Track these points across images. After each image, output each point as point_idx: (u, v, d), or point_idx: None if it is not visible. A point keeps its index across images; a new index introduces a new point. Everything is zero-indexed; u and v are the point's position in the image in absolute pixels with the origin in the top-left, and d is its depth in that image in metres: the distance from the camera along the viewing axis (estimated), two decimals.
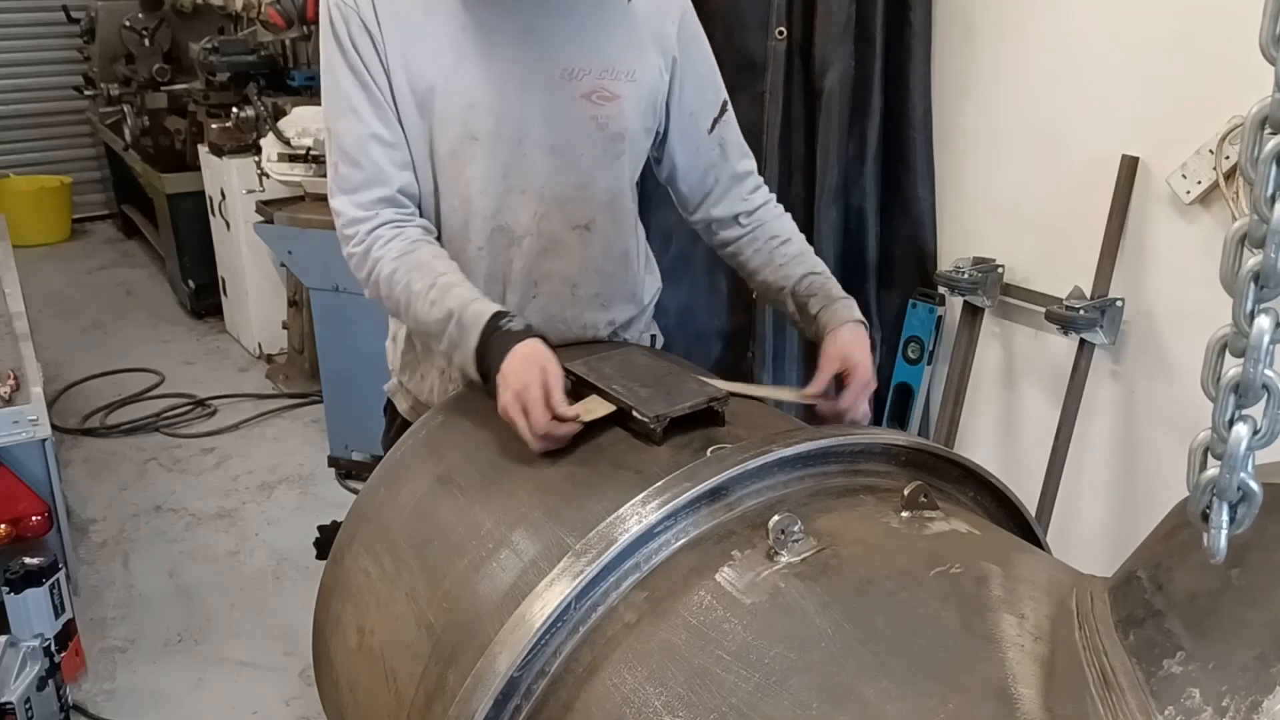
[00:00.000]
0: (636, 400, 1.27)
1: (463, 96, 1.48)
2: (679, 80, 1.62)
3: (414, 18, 1.45)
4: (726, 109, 1.69)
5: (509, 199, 1.53)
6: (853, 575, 0.98)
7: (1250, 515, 0.70)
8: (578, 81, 1.52)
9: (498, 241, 1.55)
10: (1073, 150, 2.21)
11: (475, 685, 0.98)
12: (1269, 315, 0.65)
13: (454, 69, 1.47)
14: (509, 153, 1.51)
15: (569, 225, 1.57)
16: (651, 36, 1.57)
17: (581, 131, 1.54)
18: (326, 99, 1.50)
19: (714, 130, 1.67)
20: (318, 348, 3.66)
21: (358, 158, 1.48)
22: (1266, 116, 0.64)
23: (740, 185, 1.71)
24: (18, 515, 2.75)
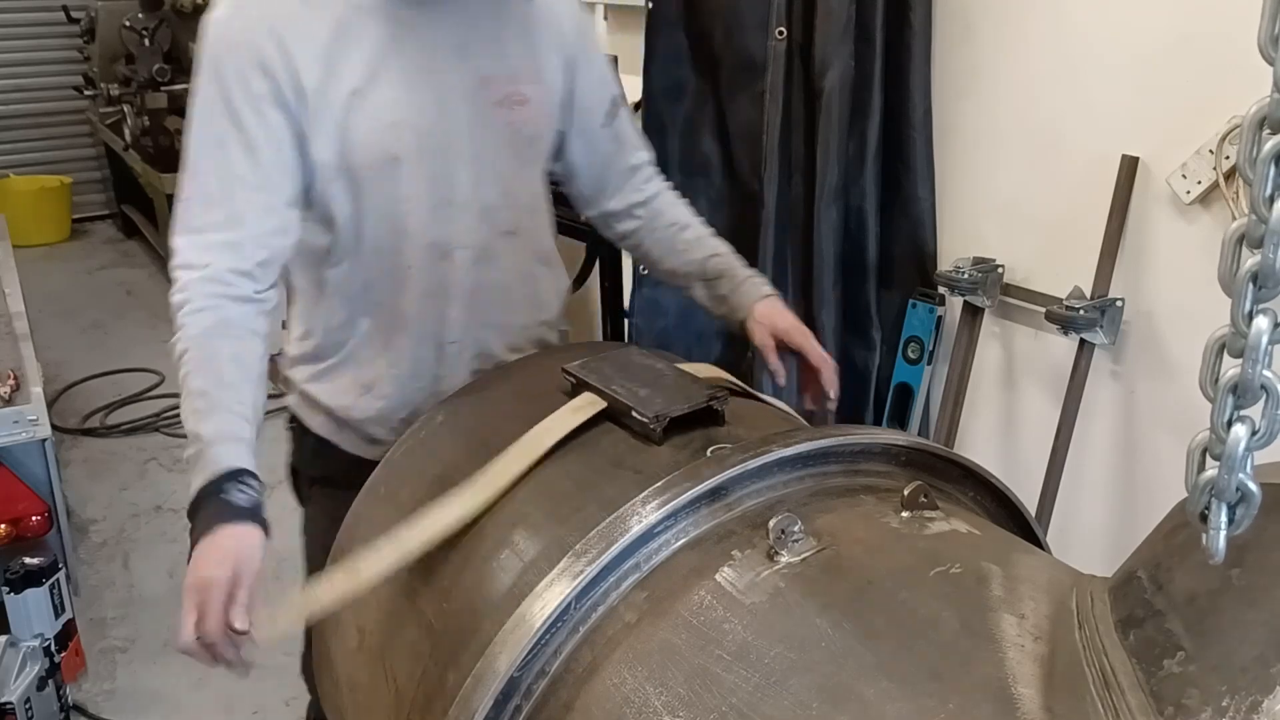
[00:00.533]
0: (636, 400, 1.27)
1: (383, 117, 1.43)
2: (576, 77, 1.62)
3: (323, 40, 1.39)
4: (619, 103, 1.70)
5: (439, 214, 1.51)
6: (853, 575, 0.98)
7: (1249, 516, 0.70)
8: (492, 89, 1.51)
9: (431, 258, 1.53)
10: (1073, 150, 2.21)
11: (475, 685, 0.98)
12: (1267, 316, 0.65)
13: (371, 90, 1.42)
14: (435, 169, 1.48)
15: (497, 233, 1.57)
16: (550, 37, 1.57)
17: (501, 139, 1.53)
18: (192, 130, 1.41)
19: (608, 125, 1.68)
20: None
21: (214, 197, 1.39)
22: (1265, 117, 0.64)
23: (635, 176, 1.73)
24: (18, 515, 2.75)
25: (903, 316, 2.57)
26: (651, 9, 2.63)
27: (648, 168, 1.75)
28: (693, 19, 2.61)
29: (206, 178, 1.40)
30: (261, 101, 1.37)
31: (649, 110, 2.69)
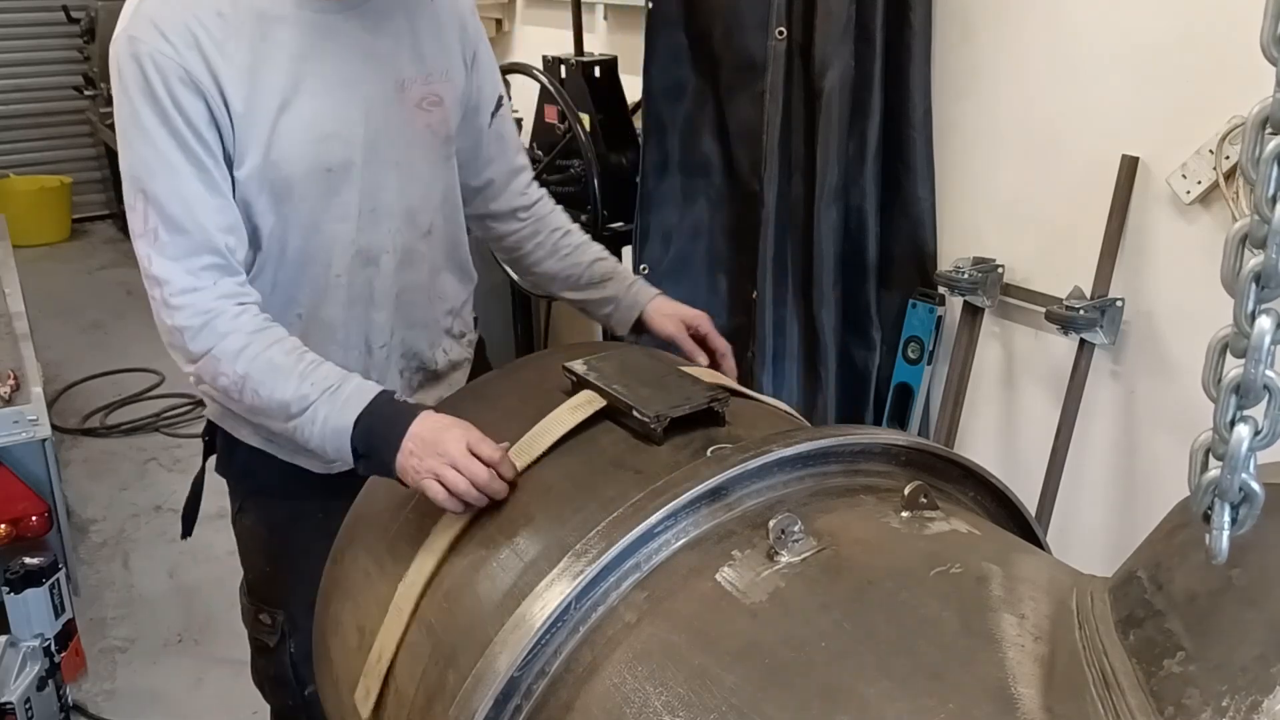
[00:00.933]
0: (637, 400, 1.27)
1: (312, 130, 1.43)
2: (474, 74, 1.64)
3: (244, 56, 1.38)
4: (503, 103, 1.72)
5: (367, 221, 1.52)
6: (853, 575, 0.98)
7: (1252, 516, 0.70)
8: (408, 92, 1.52)
9: (358, 265, 1.54)
10: (1073, 150, 2.21)
11: (475, 685, 0.98)
12: (1270, 316, 0.65)
13: (297, 103, 1.42)
14: (364, 178, 1.49)
15: (418, 235, 1.59)
16: (455, 33, 1.59)
17: (420, 142, 1.55)
18: (136, 157, 1.39)
19: (493, 124, 1.70)
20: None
21: (183, 222, 1.38)
22: (1267, 117, 0.64)
23: (517, 179, 1.76)
24: (18, 515, 2.75)
25: (903, 316, 2.57)
26: (651, 9, 2.63)
27: (528, 172, 1.78)
28: (693, 19, 2.61)
29: (169, 202, 1.38)
30: (199, 120, 1.37)
31: (649, 110, 2.69)
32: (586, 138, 2.90)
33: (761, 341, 2.59)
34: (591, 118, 2.98)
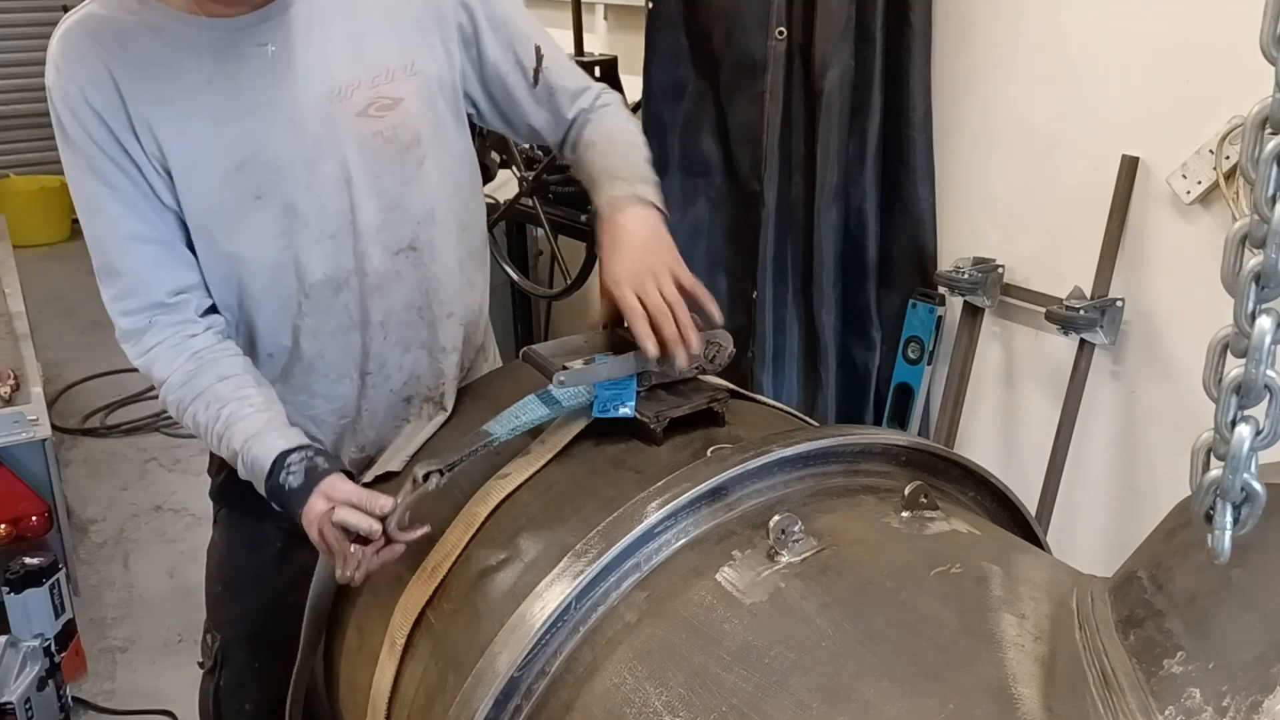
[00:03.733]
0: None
1: (229, 158, 1.33)
2: (477, 48, 1.47)
3: (154, 88, 1.31)
4: (542, 54, 1.50)
5: (318, 249, 1.39)
6: (853, 575, 0.98)
7: (1254, 516, 0.70)
8: (349, 100, 1.36)
9: (323, 294, 1.42)
10: (1073, 150, 2.21)
11: (475, 685, 0.98)
12: (1270, 316, 0.65)
13: (212, 131, 1.32)
14: (300, 201, 1.37)
15: (390, 254, 1.44)
16: (421, 16, 1.42)
17: (370, 153, 1.39)
18: (75, 198, 1.36)
19: (539, 82, 1.51)
20: None
21: (115, 264, 1.35)
22: (1267, 117, 0.64)
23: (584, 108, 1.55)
24: (18, 515, 2.75)
25: (903, 316, 2.57)
26: (651, 9, 2.63)
27: (587, 93, 1.55)
28: (693, 19, 2.61)
29: (102, 247, 1.36)
30: (121, 160, 1.32)
31: (649, 110, 2.69)
32: None
33: (761, 341, 2.59)
34: None
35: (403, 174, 1.42)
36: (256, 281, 1.40)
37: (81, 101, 1.30)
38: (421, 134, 1.42)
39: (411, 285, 1.47)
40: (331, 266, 1.41)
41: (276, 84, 1.33)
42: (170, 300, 1.37)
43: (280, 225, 1.37)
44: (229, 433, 1.34)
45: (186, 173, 1.33)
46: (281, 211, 1.36)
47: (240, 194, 1.35)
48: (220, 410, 1.35)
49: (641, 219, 1.37)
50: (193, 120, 1.32)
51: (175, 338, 1.37)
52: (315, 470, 1.30)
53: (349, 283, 1.42)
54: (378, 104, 1.38)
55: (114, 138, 1.31)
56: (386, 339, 1.47)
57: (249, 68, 1.32)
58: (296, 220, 1.37)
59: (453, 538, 1.23)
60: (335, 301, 1.43)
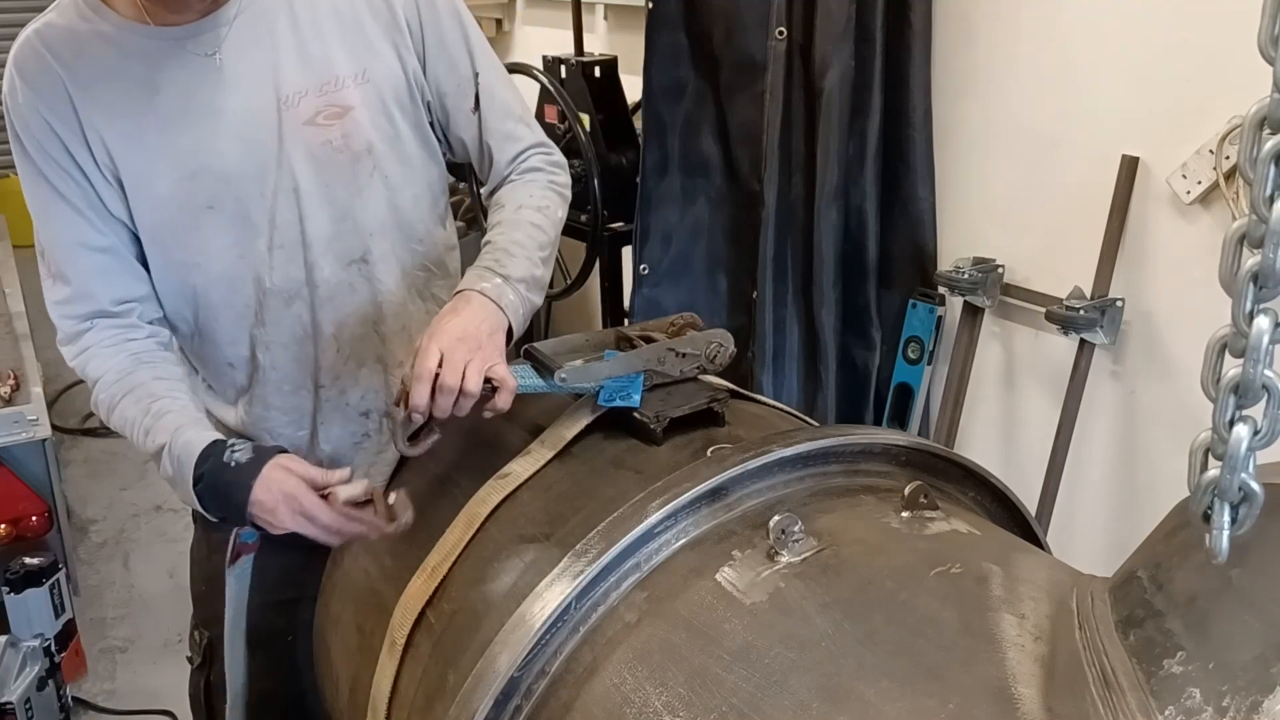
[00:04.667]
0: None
1: (180, 168, 1.32)
2: (426, 60, 1.44)
3: (108, 94, 1.30)
4: (480, 79, 1.48)
5: (269, 259, 1.38)
6: (853, 575, 0.98)
7: (1252, 516, 0.70)
8: (296, 108, 1.34)
9: (276, 305, 1.40)
10: (1073, 150, 2.21)
11: (475, 685, 0.98)
12: (1268, 315, 0.65)
13: (161, 141, 1.31)
14: (252, 211, 1.36)
15: (342, 265, 1.42)
16: (377, 26, 1.39)
17: (319, 162, 1.37)
18: (28, 203, 1.36)
19: (476, 108, 1.48)
20: None
21: (64, 270, 1.35)
22: (1266, 116, 0.64)
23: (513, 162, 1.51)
24: (18, 515, 2.76)
25: (903, 316, 2.57)
26: (651, 9, 2.63)
27: (529, 152, 1.51)
28: (693, 19, 2.61)
29: (52, 251, 1.36)
30: (72, 170, 1.32)
31: (649, 110, 2.69)
32: (586, 138, 2.90)
33: (761, 341, 2.59)
34: (591, 118, 2.98)
35: (354, 184, 1.40)
36: (214, 291, 1.40)
37: (35, 112, 1.30)
38: (374, 143, 1.40)
39: (364, 298, 1.45)
40: (282, 277, 1.39)
41: (224, 93, 1.32)
42: (114, 309, 1.37)
43: (234, 235, 1.36)
44: (158, 424, 1.30)
45: (138, 183, 1.33)
46: (234, 221, 1.36)
47: (193, 204, 1.34)
48: (151, 405, 1.32)
49: (487, 313, 1.30)
50: (143, 130, 1.31)
51: (114, 339, 1.37)
52: (263, 449, 1.27)
53: (300, 294, 1.41)
54: (326, 112, 1.36)
55: (65, 149, 1.31)
56: (339, 352, 1.45)
57: (197, 77, 1.31)
58: (250, 229, 1.36)
59: (453, 538, 1.23)
60: (287, 313, 1.42)
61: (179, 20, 1.30)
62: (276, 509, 1.23)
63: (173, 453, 1.28)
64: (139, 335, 1.38)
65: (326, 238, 1.40)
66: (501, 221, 1.42)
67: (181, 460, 1.27)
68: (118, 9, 1.31)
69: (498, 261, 1.35)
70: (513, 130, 1.51)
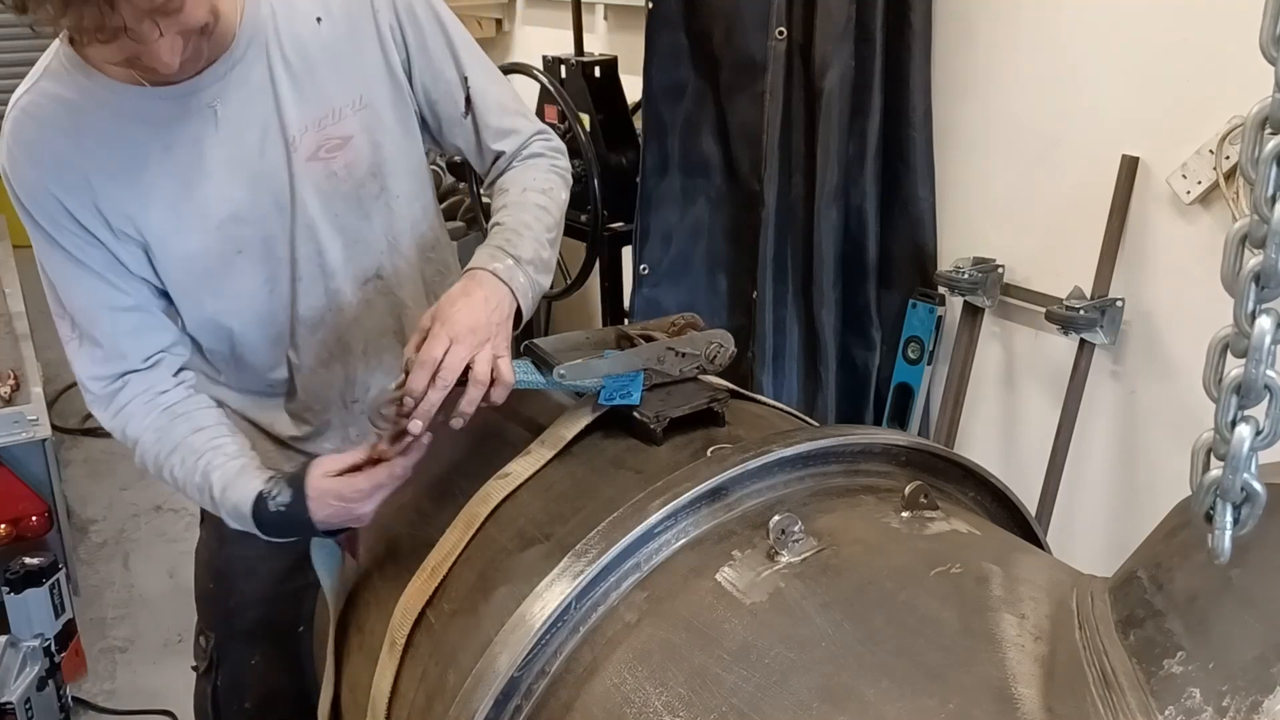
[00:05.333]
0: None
1: (206, 220, 1.34)
2: (411, 69, 1.44)
3: (118, 160, 1.30)
4: (470, 82, 1.48)
5: (302, 290, 1.43)
6: (853, 575, 0.98)
7: (1254, 516, 0.70)
8: (299, 147, 1.36)
9: (303, 333, 1.46)
10: (1073, 150, 2.21)
11: (475, 685, 0.98)
12: (1270, 316, 0.65)
13: (182, 197, 1.32)
14: (277, 248, 1.40)
15: (358, 285, 1.47)
16: (362, 49, 1.39)
17: (327, 195, 1.39)
18: (44, 272, 1.37)
19: (469, 112, 1.49)
20: None
21: (93, 333, 1.36)
22: (1267, 117, 0.64)
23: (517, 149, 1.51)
24: (18, 515, 2.76)
25: (903, 316, 2.57)
26: (651, 9, 2.63)
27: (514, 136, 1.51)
28: (693, 19, 2.61)
29: (77, 314, 1.36)
30: (87, 238, 1.32)
31: (649, 110, 2.69)
32: (586, 138, 2.90)
33: (761, 341, 2.59)
34: (591, 118, 2.98)
35: (361, 209, 1.43)
36: (249, 329, 1.44)
37: (41, 188, 1.29)
38: (377, 166, 1.42)
39: (383, 312, 1.50)
40: (306, 306, 1.44)
41: (232, 141, 1.33)
42: (144, 366, 1.38)
43: (264, 274, 1.40)
44: (207, 484, 1.33)
45: (165, 242, 1.34)
46: (262, 261, 1.39)
47: (223, 253, 1.36)
48: (197, 462, 1.34)
49: (499, 295, 1.29)
50: (160, 190, 1.31)
51: (147, 395, 1.38)
52: (295, 477, 1.29)
53: (324, 320, 1.46)
54: (327, 145, 1.37)
55: (76, 220, 1.31)
56: (368, 365, 1.51)
57: (201, 130, 1.32)
58: (277, 265, 1.40)
59: (453, 538, 1.22)
60: (313, 339, 1.47)
61: (174, 79, 1.28)
62: (349, 510, 1.25)
63: (229, 515, 1.32)
64: (169, 386, 1.40)
65: (342, 262, 1.44)
66: (507, 204, 1.41)
67: (239, 519, 1.32)
68: (107, 72, 1.28)
69: (508, 242, 1.33)
70: (511, 125, 1.51)
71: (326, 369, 1.49)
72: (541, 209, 1.41)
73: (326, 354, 1.49)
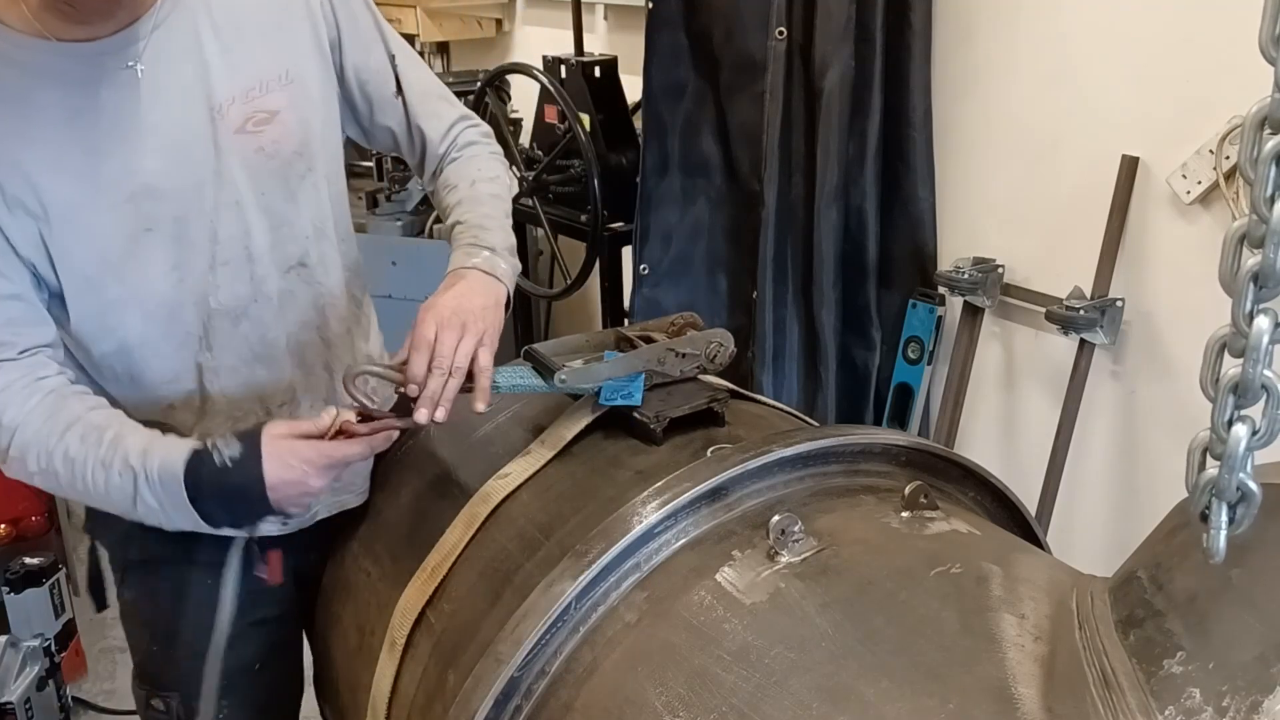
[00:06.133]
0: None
1: (115, 192, 1.21)
2: (343, 48, 1.39)
3: (21, 122, 1.17)
4: (397, 61, 1.45)
5: (213, 277, 1.29)
6: (853, 575, 0.98)
7: (1249, 515, 0.70)
8: (225, 117, 1.27)
9: (222, 328, 1.32)
10: (1073, 150, 2.21)
11: (475, 685, 0.98)
12: (1268, 315, 0.65)
13: (89, 166, 1.19)
14: (191, 229, 1.27)
15: (281, 272, 1.35)
16: (291, 23, 1.33)
17: (252, 170, 1.30)
18: None
19: (399, 92, 1.44)
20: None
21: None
22: (1266, 116, 0.64)
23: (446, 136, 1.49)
24: (18, 515, 2.76)
25: (903, 316, 2.57)
26: (651, 9, 2.63)
27: (459, 125, 1.49)
28: (693, 19, 2.62)
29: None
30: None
31: (649, 110, 2.69)
32: (586, 138, 2.90)
33: (761, 341, 2.59)
34: (591, 118, 2.98)
35: (287, 189, 1.34)
36: (152, 325, 1.29)
37: None
38: (304, 144, 1.35)
39: (306, 304, 1.39)
40: (229, 295, 1.31)
41: (152, 107, 1.22)
42: (19, 356, 1.21)
43: (174, 257, 1.27)
44: (116, 456, 1.17)
45: (69, 215, 1.20)
46: (173, 242, 1.26)
47: (131, 229, 1.23)
48: (102, 435, 1.19)
49: (486, 285, 1.30)
50: (67, 158, 1.19)
51: (25, 380, 1.20)
52: (246, 432, 1.19)
53: (248, 311, 1.33)
54: (255, 118, 1.29)
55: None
56: (290, 365, 1.39)
57: (119, 93, 1.20)
58: (190, 249, 1.27)
59: (452, 538, 1.23)
60: (235, 333, 1.34)
61: (89, 36, 1.18)
62: (305, 479, 1.17)
63: (150, 481, 1.17)
64: (49, 372, 1.23)
65: (267, 247, 1.33)
66: (462, 200, 1.41)
67: (164, 484, 1.17)
68: (8, 23, 1.16)
69: (477, 237, 1.34)
70: (436, 109, 1.49)
71: (248, 368, 1.36)
72: (495, 197, 1.42)
73: (249, 351, 1.35)
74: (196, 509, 1.17)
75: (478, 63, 4.01)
